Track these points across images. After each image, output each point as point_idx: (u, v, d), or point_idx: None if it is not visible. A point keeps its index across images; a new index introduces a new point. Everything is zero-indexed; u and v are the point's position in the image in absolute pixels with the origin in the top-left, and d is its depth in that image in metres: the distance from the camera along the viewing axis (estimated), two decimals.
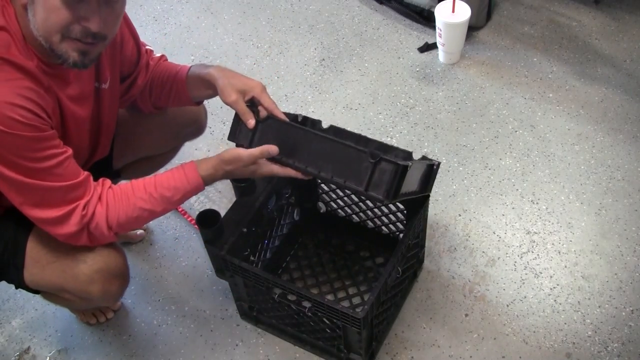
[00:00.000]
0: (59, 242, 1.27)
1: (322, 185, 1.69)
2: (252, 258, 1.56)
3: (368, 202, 1.64)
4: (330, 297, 1.68)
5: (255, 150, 1.27)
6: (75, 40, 1.12)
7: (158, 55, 1.49)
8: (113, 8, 1.14)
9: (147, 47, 1.47)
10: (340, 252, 1.77)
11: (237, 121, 1.35)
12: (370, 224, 1.72)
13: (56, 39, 1.11)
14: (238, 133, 1.35)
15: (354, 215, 1.72)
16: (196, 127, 1.66)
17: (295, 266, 1.75)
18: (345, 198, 1.68)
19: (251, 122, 1.32)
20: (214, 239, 1.42)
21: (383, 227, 1.69)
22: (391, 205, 1.60)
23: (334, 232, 1.80)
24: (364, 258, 1.74)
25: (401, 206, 1.58)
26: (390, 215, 1.63)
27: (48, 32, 1.11)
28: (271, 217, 1.61)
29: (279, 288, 1.41)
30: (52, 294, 1.41)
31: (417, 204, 1.49)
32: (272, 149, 1.28)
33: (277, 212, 1.64)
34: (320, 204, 1.76)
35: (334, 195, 1.70)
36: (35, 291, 1.39)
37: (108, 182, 1.28)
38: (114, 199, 1.25)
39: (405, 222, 1.61)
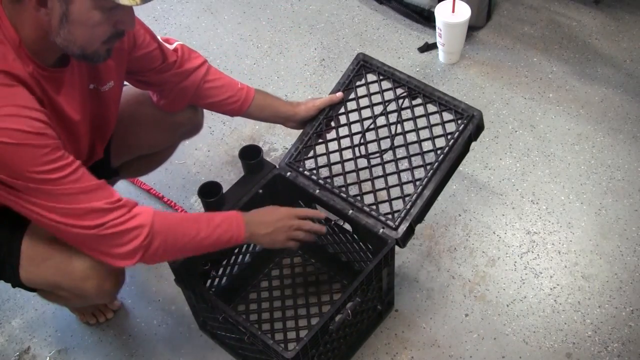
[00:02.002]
0: (53, 239, 1.27)
1: None
2: (213, 273, 1.54)
3: (341, 234, 1.58)
4: (290, 324, 1.64)
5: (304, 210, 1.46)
6: (107, 42, 1.17)
7: (200, 59, 1.51)
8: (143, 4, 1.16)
9: (176, 43, 1.49)
10: (313, 279, 1.72)
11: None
12: (343, 257, 1.65)
13: (95, 46, 1.15)
14: None
15: (329, 245, 1.65)
16: (193, 125, 1.66)
17: (265, 285, 1.72)
18: None
19: (339, 94, 1.62)
20: None
21: (355, 263, 1.62)
22: (361, 243, 1.53)
23: (311, 258, 1.76)
24: (335, 290, 1.70)
25: (370, 246, 1.51)
26: (361, 253, 1.56)
27: (88, 43, 1.14)
28: None
29: (219, 312, 1.38)
30: (48, 292, 1.41)
31: (379, 250, 1.42)
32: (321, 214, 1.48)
33: None
34: None
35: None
36: (32, 289, 1.39)
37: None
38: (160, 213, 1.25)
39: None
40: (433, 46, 2.29)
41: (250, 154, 1.55)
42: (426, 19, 2.35)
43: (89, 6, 1.08)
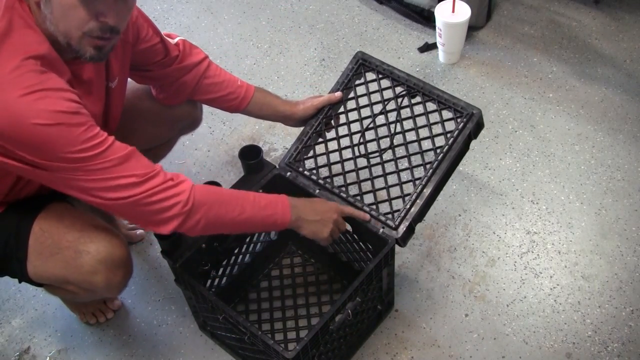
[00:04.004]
0: (61, 234, 1.28)
1: None
2: (213, 273, 1.54)
3: (341, 234, 1.53)
4: (290, 324, 1.64)
5: (348, 208, 1.46)
6: (93, 37, 1.14)
7: (201, 55, 1.52)
8: (126, 1, 1.15)
9: (178, 38, 1.49)
10: (313, 279, 1.72)
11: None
12: (343, 257, 1.64)
13: (76, 36, 1.12)
14: None
15: (329, 245, 1.61)
16: (191, 120, 1.66)
17: (265, 285, 1.72)
18: None
19: (338, 94, 1.60)
20: (171, 250, 1.41)
21: (355, 263, 1.61)
22: (361, 243, 1.53)
23: (311, 257, 1.76)
24: (335, 290, 1.70)
25: (370, 246, 1.51)
26: (361, 253, 1.55)
27: (67, 30, 1.12)
28: (239, 234, 1.56)
29: (219, 312, 1.38)
30: (55, 287, 1.41)
31: (379, 250, 1.42)
32: (366, 217, 1.46)
33: None
34: None
35: None
36: (38, 284, 1.40)
37: None
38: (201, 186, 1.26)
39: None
40: (433, 46, 2.29)
41: (250, 154, 1.55)
42: (426, 19, 2.35)
43: None
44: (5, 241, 1.31)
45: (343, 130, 1.60)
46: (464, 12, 2.11)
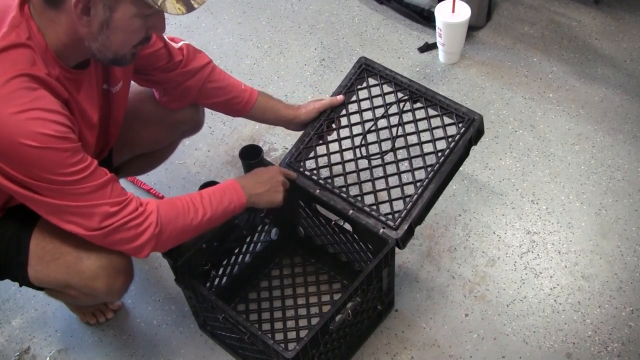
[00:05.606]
0: (62, 238, 1.28)
1: (300, 210, 1.62)
2: (213, 273, 1.55)
3: (341, 234, 1.57)
4: (290, 324, 1.64)
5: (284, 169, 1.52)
6: (135, 46, 1.20)
7: (205, 59, 1.52)
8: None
9: (182, 43, 1.49)
10: (313, 279, 1.72)
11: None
12: (343, 257, 1.64)
13: (127, 50, 1.19)
14: None
15: (329, 245, 1.65)
16: (194, 123, 1.66)
17: (265, 285, 1.72)
18: (321, 227, 1.61)
19: (340, 97, 1.61)
20: (171, 250, 1.41)
21: (355, 263, 1.61)
22: (362, 243, 1.53)
23: (311, 257, 1.76)
24: (335, 290, 1.70)
25: (371, 246, 1.51)
26: (361, 253, 1.55)
27: (122, 47, 1.17)
28: (240, 234, 1.57)
29: (219, 311, 1.38)
30: (56, 291, 1.41)
31: (379, 250, 1.42)
32: (293, 175, 1.53)
33: (247, 230, 1.59)
34: (301, 228, 1.70)
35: (310, 222, 1.63)
36: (39, 288, 1.40)
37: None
38: (163, 201, 1.30)
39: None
40: (433, 46, 2.29)
41: (251, 154, 1.55)
42: (426, 19, 2.35)
43: (132, 14, 1.12)
44: (6, 245, 1.31)
45: (345, 133, 1.61)
46: (464, 12, 2.11)
